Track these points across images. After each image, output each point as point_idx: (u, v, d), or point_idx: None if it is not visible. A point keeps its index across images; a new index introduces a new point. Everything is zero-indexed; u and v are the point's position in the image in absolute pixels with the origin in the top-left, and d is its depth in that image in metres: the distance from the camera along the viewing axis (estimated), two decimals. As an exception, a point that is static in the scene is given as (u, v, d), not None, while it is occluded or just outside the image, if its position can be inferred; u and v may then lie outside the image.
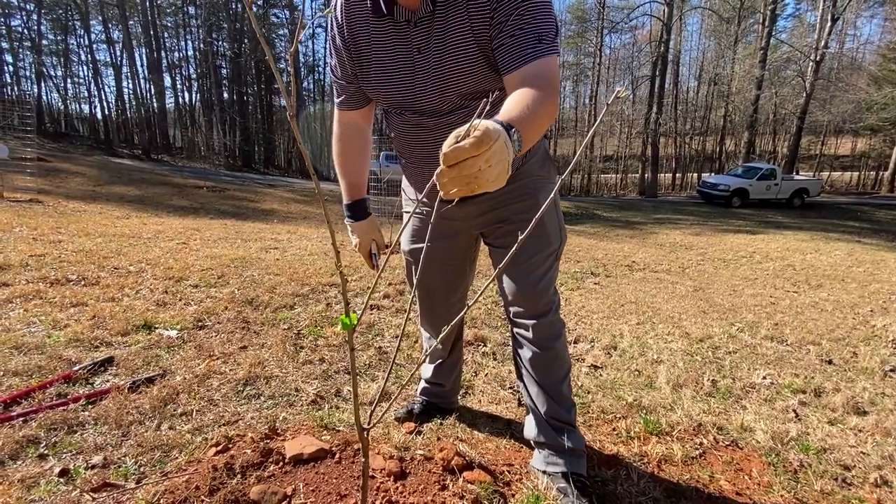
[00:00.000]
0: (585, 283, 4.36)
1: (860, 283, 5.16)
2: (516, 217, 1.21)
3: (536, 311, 1.22)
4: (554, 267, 1.25)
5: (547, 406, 1.24)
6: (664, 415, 1.76)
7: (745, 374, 2.29)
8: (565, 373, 1.28)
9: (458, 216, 1.30)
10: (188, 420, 1.43)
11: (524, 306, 1.22)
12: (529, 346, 1.24)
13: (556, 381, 1.25)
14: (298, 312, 2.62)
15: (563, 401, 1.26)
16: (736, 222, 12.19)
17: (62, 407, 1.38)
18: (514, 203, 1.22)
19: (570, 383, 1.31)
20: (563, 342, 1.27)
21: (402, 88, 1.10)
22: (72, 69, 28.98)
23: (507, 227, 1.22)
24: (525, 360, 1.26)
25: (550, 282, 1.23)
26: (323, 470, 1.15)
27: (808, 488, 1.36)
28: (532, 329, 1.22)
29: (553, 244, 1.23)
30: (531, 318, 1.22)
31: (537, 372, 1.25)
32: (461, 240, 1.35)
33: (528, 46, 0.91)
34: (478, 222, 1.28)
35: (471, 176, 0.62)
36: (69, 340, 1.90)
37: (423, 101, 1.09)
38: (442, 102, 1.08)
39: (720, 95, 26.07)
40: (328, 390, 1.76)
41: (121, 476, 1.12)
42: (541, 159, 1.27)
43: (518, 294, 1.21)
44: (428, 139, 1.15)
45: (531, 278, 1.19)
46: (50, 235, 4.24)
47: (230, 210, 9.50)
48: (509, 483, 1.21)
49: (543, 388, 1.25)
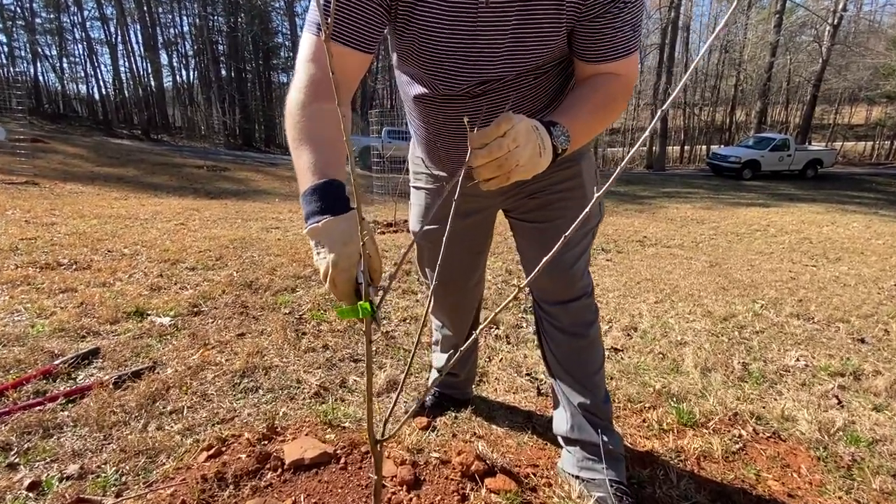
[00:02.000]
0: (597, 259, 4.20)
1: (880, 255, 4.99)
2: (556, 187, 1.04)
3: (570, 295, 1.07)
4: (590, 245, 1.11)
5: (581, 398, 1.11)
6: (696, 403, 1.62)
7: (776, 355, 2.15)
8: (601, 362, 1.14)
9: (481, 192, 1.12)
10: (178, 419, 1.30)
11: (557, 289, 1.08)
12: (561, 334, 1.10)
13: (591, 371, 1.12)
14: (300, 295, 2.49)
15: (599, 392, 1.12)
16: (748, 195, 11.89)
17: (38, 407, 1.25)
18: (553, 171, 1.02)
19: (604, 370, 1.17)
20: (598, 328, 1.13)
21: (453, 46, 0.83)
22: (67, 48, 28.37)
23: (546, 196, 1.05)
24: (556, 350, 1.12)
25: (586, 262, 1.10)
26: (327, 478, 1.02)
27: (866, 487, 1.23)
28: (565, 314, 1.09)
29: (594, 219, 1.10)
30: (564, 303, 1.08)
31: (570, 362, 1.11)
32: (485, 218, 1.20)
33: (623, 39, 0.82)
34: (507, 196, 1.11)
35: (501, 159, 0.65)
36: (54, 330, 1.77)
37: (479, 69, 0.86)
38: (507, 70, 0.86)
39: (732, 63, 25.22)
40: (332, 381, 1.63)
41: (99, 488, 0.99)
42: None
43: (552, 274, 1.06)
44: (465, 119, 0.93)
45: (567, 258, 1.04)
46: (43, 218, 4.11)
47: (230, 190, 9.32)
48: (535, 489, 1.08)
49: (577, 378, 1.11)
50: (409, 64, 0.92)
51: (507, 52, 0.83)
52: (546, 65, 0.89)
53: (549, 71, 0.92)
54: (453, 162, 1.05)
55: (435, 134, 1.03)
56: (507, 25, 0.79)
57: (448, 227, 0.71)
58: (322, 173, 0.67)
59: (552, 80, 0.94)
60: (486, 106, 0.91)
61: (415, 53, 0.86)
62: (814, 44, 20.16)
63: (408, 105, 1.05)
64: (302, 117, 0.72)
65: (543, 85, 0.93)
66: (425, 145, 1.10)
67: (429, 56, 0.85)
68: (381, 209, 6.80)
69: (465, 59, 0.84)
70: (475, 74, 0.86)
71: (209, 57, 26.10)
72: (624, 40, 0.82)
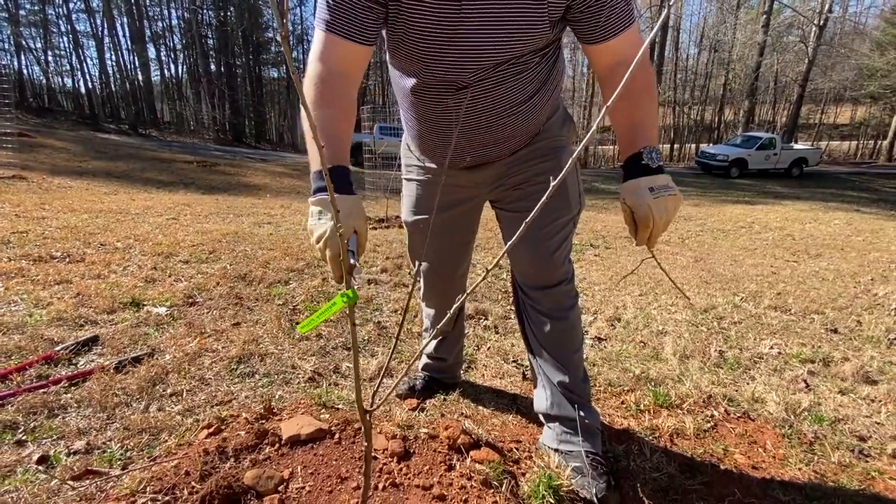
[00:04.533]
0: (585, 254, 4.29)
1: (859, 251, 5.13)
2: (538, 178, 1.11)
3: (552, 280, 1.13)
4: (571, 234, 1.16)
5: (560, 377, 1.18)
6: (673, 387, 1.71)
7: (752, 344, 2.25)
8: (579, 343, 1.21)
9: (469, 182, 1.19)
10: (178, 401, 1.36)
11: (539, 274, 1.14)
12: (543, 317, 1.16)
13: (570, 351, 1.19)
14: (293, 288, 2.54)
15: (577, 372, 1.19)
16: (735, 193, 12.10)
17: (42, 389, 1.30)
18: (535, 164, 1.12)
19: (583, 355, 1.24)
20: (578, 312, 1.20)
21: (439, 37, 0.89)
22: (52, 41, 27.85)
23: (528, 188, 1.12)
24: (537, 331, 1.19)
25: (567, 249, 1.16)
26: (322, 451, 1.08)
27: (825, 461, 1.32)
28: (546, 299, 1.14)
29: (573, 209, 1.15)
30: (545, 288, 1.14)
31: (550, 343, 1.18)
32: (472, 208, 1.26)
33: (619, 12, 0.89)
34: (492, 187, 1.18)
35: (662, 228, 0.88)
36: (52, 319, 1.81)
37: (462, 61, 0.92)
38: (492, 59, 0.92)
39: (720, 63, 25.51)
40: (326, 367, 1.70)
41: (105, 462, 1.05)
42: (561, 118, 1.18)
43: (533, 261, 1.12)
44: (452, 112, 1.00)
45: (550, 245, 1.10)
46: (34, 212, 4.09)
47: (221, 185, 9.28)
48: (518, 461, 1.16)
49: (556, 358, 1.18)
50: (400, 57, 0.99)
51: (491, 42, 0.89)
52: (531, 54, 0.95)
53: (535, 60, 0.97)
54: (443, 152, 1.11)
55: (426, 125, 1.09)
56: (490, 16, 0.86)
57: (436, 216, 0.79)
58: (333, 159, 0.82)
59: (538, 68, 1.00)
60: (474, 95, 0.97)
61: (405, 46, 0.93)
62: (800, 44, 20.46)
63: (400, 98, 1.11)
64: (318, 102, 0.86)
65: (529, 74, 0.99)
66: (417, 138, 1.16)
67: (417, 47, 0.91)
68: (373, 205, 6.84)
69: (451, 50, 0.90)
70: (461, 64, 0.92)
71: (198, 51, 25.82)
72: (620, 13, 0.89)
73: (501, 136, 1.07)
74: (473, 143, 1.08)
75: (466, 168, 1.16)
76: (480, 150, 1.10)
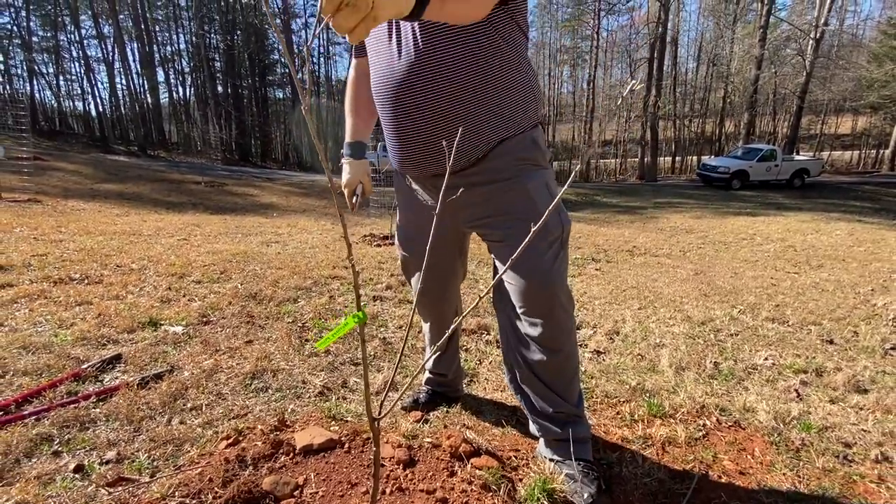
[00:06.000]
0: (587, 269, 4.37)
1: (861, 262, 5.16)
2: (505, 209, 1.12)
3: (545, 309, 1.10)
4: (560, 256, 1.12)
5: (555, 407, 1.19)
6: (667, 398, 1.78)
7: (747, 355, 2.31)
8: (575, 369, 1.21)
9: (434, 192, 1.19)
10: (198, 414, 1.45)
11: (531, 303, 1.11)
12: (537, 348, 1.13)
13: (566, 381, 1.18)
14: (302, 305, 2.64)
15: (572, 396, 1.21)
16: (737, 204, 12.16)
17: (73, 404, 1.40)
18: (499, 196, 1.12)
19: (579, 375, 1.28)
20: (574, 340, 1.18)
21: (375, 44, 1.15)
22: (63, 66, 28.67)
23: (498, 219, 1.13)
24: (531, 362, 1.16)
25: (560, 274, 1.11)
26: (333, 459, 1.17)
27: (810, 466, 1.38)
28: (540, 328, 1.11)
29: (553, 231, 1.11)
30: (539, 317, 1.11)
31: (546, 375, 1.16)
32: (452, 239, 1.32)
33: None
34: (463, 217, 1.20)
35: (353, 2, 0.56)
36: (76, 339, 1.92)
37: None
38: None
39: (719, 76, 25.81)
40: (335, 381, 1.78)
41: (135, 470, 1.14)
42: (526, 144, 1.14)
43: (524, 290, 1.09)
44: (391, 84, 1.11)
45: (538, 272, 1.08)
46: (51, 235, 4.24)
47: (229, 205, 9.48)
48: (517, 468, 1.23)
49: (553, 389, 1.17)
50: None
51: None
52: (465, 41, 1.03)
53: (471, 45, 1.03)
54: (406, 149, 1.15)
55: (389, 127, 1.18)
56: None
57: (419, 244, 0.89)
58: (354, 136, 1.36)
59: (476, 53, 1.04)
60: (415, 65, 1.05)
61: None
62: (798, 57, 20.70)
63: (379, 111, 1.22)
64: (350, 99, 1.37)
65: (467, 59, 1.04)
66: (389, 143, 1.23)
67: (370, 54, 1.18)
68: (378, 222, 6.98)
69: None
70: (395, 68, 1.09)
71: (206, 74, 26.48)
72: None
73: (451, 121, 1.06)
74: (425, 132, 1.09)
75: (434, 185, 1.18)
76: (435, 146, 1.09)
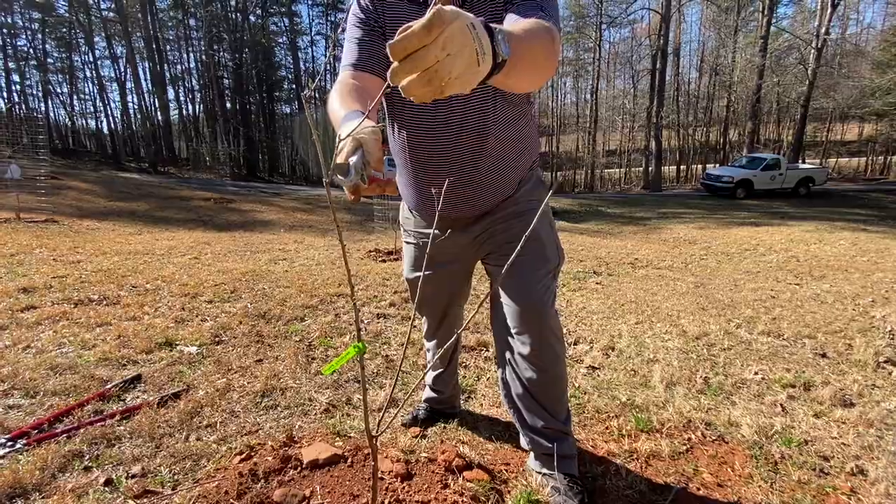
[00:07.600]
0: (588, 282, 4.44)
1: (863, 272, 5.15)
2: (511, 242, 1.22)
3: (538, 332, 1.20)
4: (552, 287, 1.23)
5: (544, 422, 1.29)
6: (656, 413, 1.86)
7: (738, 370, 2.38)
8: (563, 389, 1.31)
9: (453, 246, 1.32)
10: (213, 431, 1.57)
11: (525, 326, 1.21)
12: (528, 366, 1.23)
13: (555, 399, 1.28)
14: (309, 324, 2.76)
15: (560, 415, 1.30)
16: (741, 214, 12.16)
17: (100, 423, 1.52)
18: (507, 231, 1.24)
19: (567, 394, 1.37)
20: (564, 363, 1.28)
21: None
22: (77, 86, 29.51)
23: (506, 249, 1.23)
24: (523, 379, 1.25)
25: (550, 301, 1.22)
26: (337, 473, 1.27)
27: (787, 479, 1.46)
28: (532, 350, 1.21)
29: (551, 261, 1.23)
30: (532, 340, 1.21)
31: (537, 393, 1.26)
32: (459, 268, 1.41)
33: (531, 10, 0.94)
34: (474, 250, 1.32)
35: (430, 71, 0.52)
36: (99, 360, 2.05)
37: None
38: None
39: (722, 85, 25.94)
40: (339, 399, 1.89)
41: (158, 484, 1.25)
42: (534, 185, 1.30)
43: (518, 313, 1.20)
44: (433, 139, 1.15)
45: (532, 297, 1.19)
46: (69, 256, 4.42)
47: (237, 221, 9.69)
48: (506, 481, 1.33)
49: (542, 406, 1.27)
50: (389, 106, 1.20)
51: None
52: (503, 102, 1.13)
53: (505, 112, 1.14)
54: (430, 202, 1.23)
55: (416, 168, 1.22)
56: None
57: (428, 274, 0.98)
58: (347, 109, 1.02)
59: (505, 118, 1.16)
60: (453, 134, 1.14)
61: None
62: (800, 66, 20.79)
63: (395, 152, 1.27)
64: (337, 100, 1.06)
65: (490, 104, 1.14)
66: (402, 183, 1.30)
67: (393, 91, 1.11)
68: (382, 237, 7.11)
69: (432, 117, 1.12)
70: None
71: (215, 91, 27.09)
72: (537, 7, 0.95)
73: (478, 182, 1.19)
74: (454, 191, 1.19)
75: (449, 226, 1.30)
76: (460, 203, 1.22)
